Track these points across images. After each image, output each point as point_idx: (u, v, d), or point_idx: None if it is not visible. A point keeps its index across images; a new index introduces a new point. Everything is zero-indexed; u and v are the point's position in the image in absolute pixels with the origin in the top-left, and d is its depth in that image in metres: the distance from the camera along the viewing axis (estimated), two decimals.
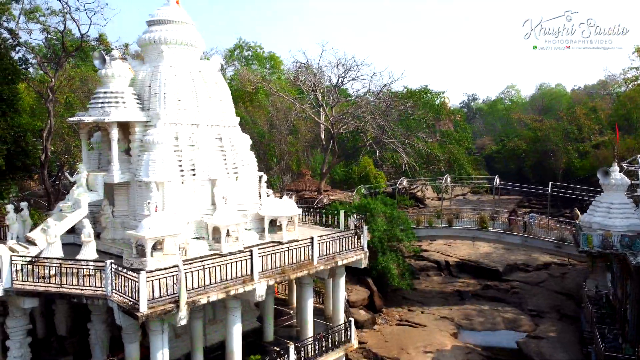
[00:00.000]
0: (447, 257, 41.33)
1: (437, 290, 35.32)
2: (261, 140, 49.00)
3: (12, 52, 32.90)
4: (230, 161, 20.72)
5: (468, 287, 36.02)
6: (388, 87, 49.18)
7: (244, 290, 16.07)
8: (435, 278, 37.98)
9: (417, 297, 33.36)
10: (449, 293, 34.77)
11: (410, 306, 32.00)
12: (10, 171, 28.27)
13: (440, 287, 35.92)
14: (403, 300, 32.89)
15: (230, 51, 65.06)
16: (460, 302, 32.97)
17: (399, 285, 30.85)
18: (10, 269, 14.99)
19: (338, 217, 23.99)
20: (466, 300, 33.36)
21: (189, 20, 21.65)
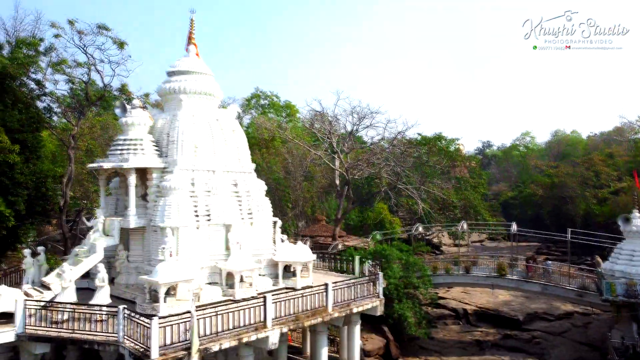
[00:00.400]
0: (465, 305, 40.27)
1: (455, 339, 34.23)
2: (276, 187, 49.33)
3: (38, 102, 34.14)
4: (246, 207, 20.88)
5: (487, 336, 34.88)
6: (402, 134, 49.57)
7: (257, 338, 15.82)
8: (453, 327, 36.90)
9: (434, 347, 32.36)
10: (467, 342, 33.66)
11: (428, 356, 30.99)
12: (30, 216, 28.78)
13: (458, 337, 34.83)
14: (420, 349, 31.89)
15: (247, 100, 66.72)
16: (480, 352, 31.84)
17: (415, 333, 30.02)
18: (23, 314, 15.03)
19: (353, 263, 23.79)
20: (486, 351, 32.22)
21: (208, 70, 22.42)
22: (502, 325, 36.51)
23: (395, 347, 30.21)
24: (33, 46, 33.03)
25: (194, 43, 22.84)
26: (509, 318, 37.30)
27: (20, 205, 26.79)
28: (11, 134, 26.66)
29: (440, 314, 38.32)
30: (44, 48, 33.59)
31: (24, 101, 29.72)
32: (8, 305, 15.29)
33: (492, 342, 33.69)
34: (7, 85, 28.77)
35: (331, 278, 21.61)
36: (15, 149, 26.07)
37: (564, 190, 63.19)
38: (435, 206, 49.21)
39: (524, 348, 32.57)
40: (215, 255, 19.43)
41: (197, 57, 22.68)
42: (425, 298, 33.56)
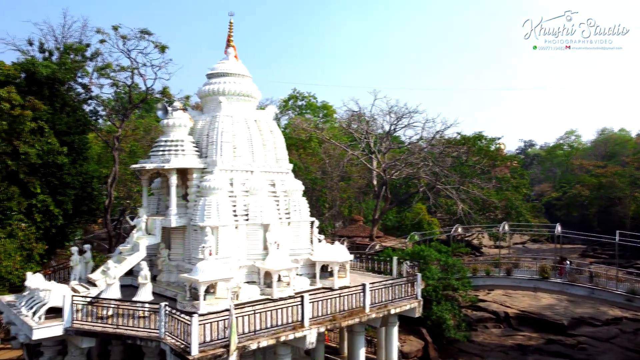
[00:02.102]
0: (506, 308, 39.30)
1: (496, 343, 33.45)
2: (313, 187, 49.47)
3: (85, 105, 35.46)
4: (283, 207, 21.03)
5: (530, 340, 33.92)
6: (441, 133, 48.88)
7: (295, 337, 15.88)
8: (494, 330, 36.07)
9: (474, 350, 31.71)
10: (509, 347, 32.82)
11: (468, 359, 30.42)
12: (77, 215, 29.94)
13: (499, 340, 34.01)
14: (459, 352, 31.32)
15: (285, 101, 67.29)
16: (522, 357, 31.00)
17: (455, 336, 29.53)
18: (71, 309, 15.58)
19: (390, 264, 23.59)
20: (528, 355, 31.34)
21: (246, 72, 22.71)
22: (546, 330, 35.45)
23: (434, 350, 29.77)
24: (80, 52, 34.32)
25: (233, 45, 23.17)
26: (553, 322, 36.17)
27: (68, 205, 27.94)
28: (59, 137, 27.81)
29: (480, 317, 37.54)
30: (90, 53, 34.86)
31: (71, 105, 30.94)
32: (57, 301, 15.90)
33: (535, 347, 32.74)
34: (56, 89, 30.02)
35: (368, 279, 21.49)
36: (63, 150, 27.19)
37: (612, 191, 60.80)
38: (475, 207, 48.23)
39: (568, 354, 31.51)
40: (253, 254, 19.65)
41: (235, 59, 23.00)
42: (464, 300, 32.98)
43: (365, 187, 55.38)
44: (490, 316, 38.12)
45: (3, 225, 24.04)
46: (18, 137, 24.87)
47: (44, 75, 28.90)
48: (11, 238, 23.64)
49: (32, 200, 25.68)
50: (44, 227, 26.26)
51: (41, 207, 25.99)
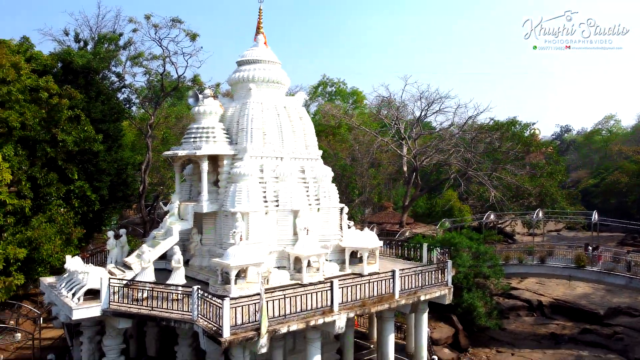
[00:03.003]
0: (539, 296, 38.59)
1: (528, 331, 32.96)
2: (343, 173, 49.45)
3: (118, 94, 36.27)
4: (313, 193, 21.11)
5: (564, 330, 33.27)
6: (473, 119, 48.01)
7: (324, 322, 16.02)
8: (527, 318, 35.52)
9: (506, 338, 31.33)
10: (542, 335, 32.29)
11: (499, 347, 30.08)
12: (113, 200, 30.78)
13: (532, 329, 33.49)
14: (491, 340, 31.01)
15: (314, 87, 67.23)
16: (555, 346, 30.46)
17: (486, 324, 29.23)
18: (108, 291, 16.10)
19: (421, 250, 23.45)
20: (562, 345, 30.77)
21: (276, 59, 22.73)
22: (580, 319, 34.69)
23: (465, 337, 29.57)
24: (113, 41, 35.03)
25: (262, 32, 23.20)
26: (588, 312, 35.34)
27: (104, 191, 28.73)
28: (95, 124, 28.53)
29: (512, 305, 37.02)
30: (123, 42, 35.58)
31: (106, 93, 31.67)
32: (95, 283, 16.45)
33: (569, 336, 32.12)
34: (91, 78, 30.75)
35: (398, 265, 21.44)
36: (99, 138, 27.90)
37: None
38: (508, 194, 47.39)
39: (604, 344, 30.79)
40: (283, 240, 19.83)
41: (265, 46, 23.04)
42: (496, 288, 32.57)
43: (395, 174, 55.05)
44: (523, 304, 37.53)
45: (43, 210, 24.92)
46: (56, 125, 25.63)
47: (80, 65, 29.63)
48: (51, 222, 24.49)
49: (70, 186, 26.50)
50: (81, 212, 27.11)
51: (79, 193, 26.82)
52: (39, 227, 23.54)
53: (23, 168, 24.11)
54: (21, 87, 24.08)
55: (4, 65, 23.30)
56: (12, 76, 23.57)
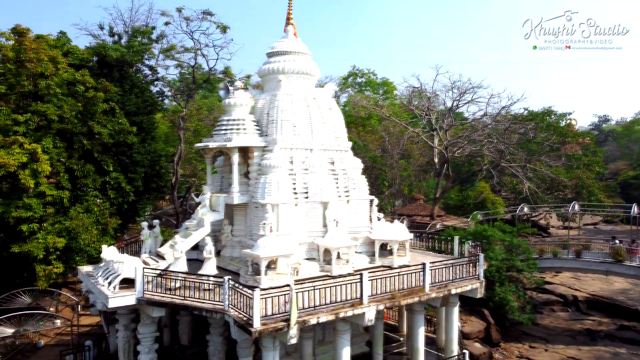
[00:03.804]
0: (574, 291, 37.68)
1: (562, 327, 32.25)
2: (373, 165, 49.18)
3: (152, 86, 36.92)
4: (342, 185, 21.06)
5: (600, 326, 32.42)
6: (507, 109, 46.92)
7: (353, 314, 16.01)
8: (561, 314, 34.74)
9: (539, 333, 30.75)
10: (577, 331, 31.55)
11: (532, 342, 29.54)
12: (147, 192, 31.47)
13: (566, 324, 32.75)
14: (523, 335, 30.49)
15: (344, 78, 66.83)
16: (591, 343, 29.71)
17: (518, 318, 28.73)
18: (142, 280, 16.48)
19: (452, 243, 23.14)
20: (598, 341, 29.99)
21: (306, 50, 22.66)
22: (618, 315, 33.74)
23: (496, 332, 29.17)
24: (146, 34, 35.61)
25: (292, 23, 23.14)
26: (626, 308, 34.34)
27: (139, 182, 29.40)
28: (129, 117, 29.16)
29: (546, 300, 36.27)
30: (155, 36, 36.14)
31: (139, 86, 32.30)
32: (129, 272, 16.86)
33: (606, 333, 31.28)
34: (125, 71, 31.37)
35: (429, 258, 21.22)
36: (133, 130, 28.52)
37: None
38: (542, 186, 46.27)
39: None
40: (312, 231, 19.87)
41: (295, 37, 22.98)
42: (529, 282, 31.97)
43: (426, 165, 54.43)
44: (557, 299, 36.73)
45: (81, 201, 25.69)
46: (92, 118, 26.31)
47: (114, 58, 30.26)
48: (88, 213, 25.24)
49: (105, 177, 27.22)
50: (117, 203, 27.83)
51: (114, 184, 27.52)
52: (76, 218, 24.30)
53: (61, 160, 24.87)
54: (59, 80, 24.79)
55: (43, 60, 24.02)
56: (50, 70, 24.28)
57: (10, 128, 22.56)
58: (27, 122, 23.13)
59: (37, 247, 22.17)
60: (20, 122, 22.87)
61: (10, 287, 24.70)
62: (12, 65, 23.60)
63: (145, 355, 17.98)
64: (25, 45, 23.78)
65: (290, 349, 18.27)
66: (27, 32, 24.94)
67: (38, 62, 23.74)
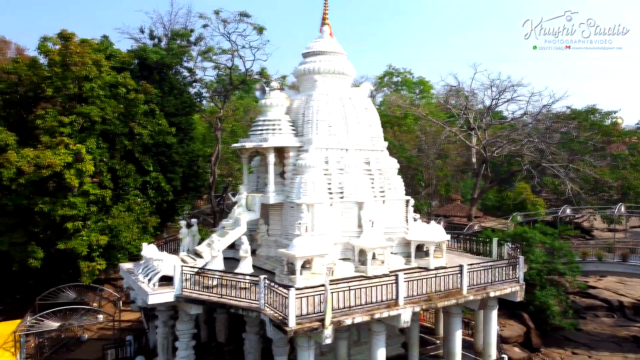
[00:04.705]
0: (620, 296, 36.22)
1: (607, 333, 31.04)
2: (409, 165, 48.69)
3: (190, 88, 37.66)
4: (378, 185, 20.92)
5: None
6: (548, 107, 45.53)
7: (389, 315, 15.88)
8: (606, 319, 33.46)
9: (582, 339, 29.70)
10: (622, 338, 30.31)
11: (575, 349, 28.56)
12: (184, 191, 32.13)
13: (611, 330, 31.52)
14: (565, 340, 29.52)
15: (380, 78, 66.43)
16: (637, 350, 28.51)
17: (560, 323, 27.85)
18: (180, 278, 16.81)
19: (490, 245, 22.66)
20: None
21: (341, 50, 22.63)
22: None
23: (537, 336, 28.36)
24: (185, 37, 36.36)
25: (328, 23, 23.15)
26: None
27: (177, 182, 30.05)
28: (168, 118, 29.84)
29: (590, 305, 35.00)
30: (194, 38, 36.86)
31: (178, 88, 33.00)
32: (168, 270, 17.24)
33: None
34: (165, 73, 32.11)
35: (466, 260, 20.84)
36: (172, 131, 29.16)
37: None
38: (586, 186, 44.68)
39: None
40: (347, 232, 19.82)
41: (330, 37, 22.98)
42: (572, 286, 31.01)
43: (464, 165, 53.50)
44: (602, 304, 35.39)
45: (122, 200, 26.43)
46: (133, 119, 27.03)
47: (154, 61, 31.01)
48: (129, 211, 25.94)
49: (146, 177, 27.93)
50: (156, 202, 28.51)
51: (154, 184, 28.21)
52: (118, 216, 25.02)
53: (104, 160, 25.66)
54: (102, 83, 25.57)
55: (87, 63, 24.82)
56: (94, 73, 25.07)
57: (56, 129, 23.41)
58: (72, 123, 23.96)
59: (81, 244, 22.93)
60: (66, 124, 23.70)
61: (56, 282, 25.67)
62: (58, 69, 24.49)
63: (183, 351, 18.34)
64: (71, 49, 24.63)
65: (325, 349, 18.28)
66: (72, 36, 25.82)
67: (82, 65, 24.55)
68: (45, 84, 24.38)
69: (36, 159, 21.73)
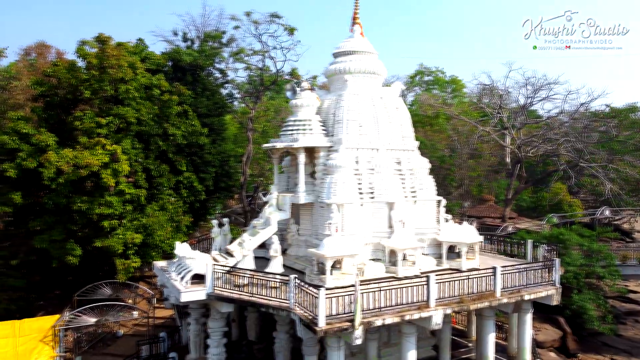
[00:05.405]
0: None
1: None
2: (441, 165, 48.07)
3: (222, 89, 38.17)
4: (409, 185, 20.72)
5: None
6: (586, 105, 44.17)
7: (419, 317, 15.70)
8: None
9: (622, 345, 28.68)
10: None
11: (614, 355, 27.60)
12: (216, 191, 32.58)
13: None
14: (603, 346, 28.57)
15: (411, 77, 65.84)
16: None
17: (598, 328, 26.97)
18: (212, 276, 17.03)
19: (525, 247, 22.18)
20: None
21: (372, 49, 22.51)
22: None
23: (574, 341, 27.56)
24: (217, 39, 36.87)
25: (359, 23, 23.07)
26: None
27: (209, 182, 30.49)
28: (201, 119, 30.31)
29: (630, 310, 33.79)
30: (226, 39, 37.33)
31: (210, 89, 33.48)
32: (200, 268, 17.50)
33: None
34: (197, 75, 32.63)
35: (499, 261, 20.43)
36: (204, 131, 29.60)
37: None
38: (626, 187, 43.18)
39: None
40: (378, 232, 19.69)
41: (361, 36, 22.89)
42: (611, 290, 30.00)
43: (497, 165, 52.44)
44: None
45: (156, 199, 26.98)
46: (167, 120, 27.56)
47: (187, 63, 31.56)
48: (163, 211, 26.46)
49: (179, 177, 28.43)
50: (189, 201, 29.00)
51: (187, 184, 28.70)
52: (152, 215, 25.55)
53: (139, 160, 26.24)
54: (137, 85, 26.17)
55: (123, 66, 25.45)
56: (129, 75, 25.69)
57: (93, 130, 24.08)
58: (109, 124, 24.59)
59: (117, 242, 23.52)
60: (103, 125, 24.35)
61: (93, 279, 26.43)
62: (95, 72, 25.18)
63: (215, 348, 18.59)
64: (107, 52, 25.30)
65: (355, 350, 18.21)
66: (109, 40, 26.51)
67: (119, 68, 25.18)
68: (83, 86, 25.10)
69: (75, 159, 22.39)
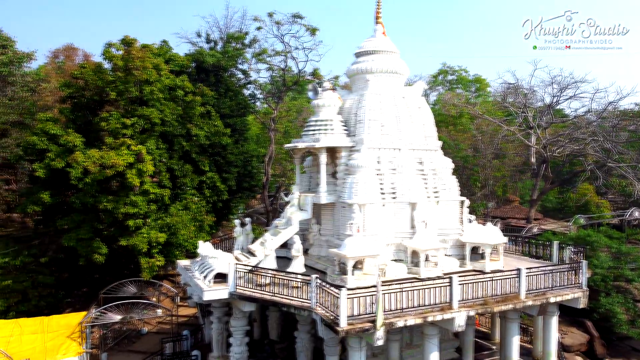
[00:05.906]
0: None
1: None
2: (464, 165, 47.54)
3: (244, 89, 38.44)
4: (431, 185, 20.54)
5: None
6: (615, 104, 43.08)
7: (442, 318, 15.55)
8: None
9: None
10: None
11: None
12: (239, 191, 32.81)
13: None
14: (632, 351, 27.82)
15: (434, 76, 65.22)
16: None
17: (628, 333, 26.28)
18: (235, 276, 17.18)
19: (550, 248, 21.76)
20: None
21: (394, 49, 22.38)
22: None
23: (601, 346, 26.90)
24: (240, 40, 37.13)
25: (381, 22, 22.95)
26: None
27: (232, 182, 30.74)
28: (223, 119, 30.57)
29: None
30: (248, 40, 37.56)
31: (233, 89, 33.75)
32: (223, 267, 17.67)
33: None
34: (220, 76, 32.91)
35: (524, 263, 20.10)
36: (227, 132, 29.84)
37: None
38: None
39: None
40: (400, 232, 19.57)
41: (383, 36, 22.78)
42: None
43: (522, 165, 51.56)
44: None
45: (180, 199, 27.31)
46: (190, 121, 27.88)
47: (210, 64, 31.86)
48: (186, 210, 26.78)
49: (202, 177, 28.73)
50: (212, 201, 29.28)
51: (210, 183, 28.98)
52: (176, 214, 25.87)
53: (163, 160, 26.60)
54: (161, 86, 26.54)
55: (148, 68, 25.83)
56: (154, 77, 26.07)
57: (119, 131, 24.50)
58: (134, 125, 24.99)
59: (141, 241, 23.88)
60: (128, 126, 24.76)
61: (119, 277, 26.89)
62: (121, 73, 25.62)
63: (237, 347, 18.73)
64: (133, 54, 25.72)
65: (377, 350, 18.13)
66: (134, 42, 26.96)
67: (143, 69, 25.56)
68: (109, 87, 25.57)
69: (101, 160, 22.83)
